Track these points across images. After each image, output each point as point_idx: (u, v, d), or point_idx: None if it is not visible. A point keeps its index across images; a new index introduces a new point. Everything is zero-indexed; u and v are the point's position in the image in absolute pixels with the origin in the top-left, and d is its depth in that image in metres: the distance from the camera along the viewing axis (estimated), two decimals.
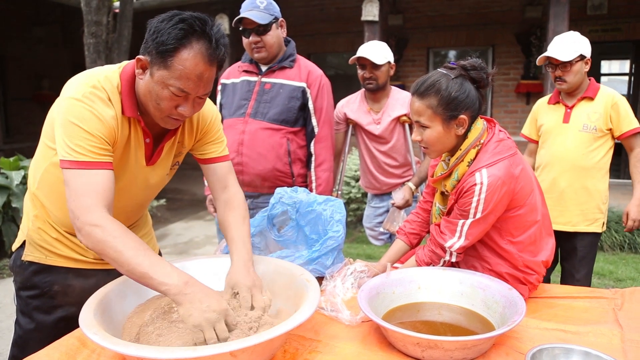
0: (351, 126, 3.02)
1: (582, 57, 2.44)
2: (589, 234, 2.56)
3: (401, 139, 2.90)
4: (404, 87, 7.20)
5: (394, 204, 2.83)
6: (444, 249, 1.59)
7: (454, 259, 1.60)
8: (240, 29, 2.37)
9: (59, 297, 1.53)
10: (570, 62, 2.42)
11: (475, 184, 1.50)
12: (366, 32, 6.11)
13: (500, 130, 1.62)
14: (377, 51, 2.73)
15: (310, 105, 2.40)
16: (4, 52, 8.54)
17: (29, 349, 1.40)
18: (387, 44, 2.89)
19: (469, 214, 1.52)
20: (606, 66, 13.62)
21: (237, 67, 2.55)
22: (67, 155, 1.23)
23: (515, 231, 1.58)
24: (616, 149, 2.65)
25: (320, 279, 1.63)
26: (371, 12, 5.99)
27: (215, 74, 1.30)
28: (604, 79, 12.82)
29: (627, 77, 9.56)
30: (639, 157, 2.54)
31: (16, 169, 4.89)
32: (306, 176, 2.51)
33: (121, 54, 5.39)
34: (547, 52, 2.47)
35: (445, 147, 1.60)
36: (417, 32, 7.89)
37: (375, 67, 2.73)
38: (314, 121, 2.42)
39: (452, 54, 8.40)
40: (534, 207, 1.59)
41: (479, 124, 1.60)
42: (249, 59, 2.48)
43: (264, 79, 2.43)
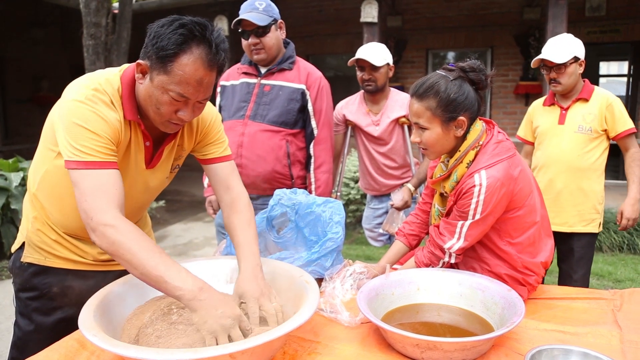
0: (350, 127, 3.03)
1: (576, 59, 2.46)
2: (586, 234, 2.57)
3: (400, 141, 2.90)
4: (403, 88, 7.19)
5: (393, 205, 2.83)
6: (443, 250, 1.59)
7: (453, 260, 1.61)
8: (239, 30, 2.37)
9: (58, 298, 1.53)
10: (564, 64, 2.45)
11: (474, 186, 1.50)
12: (365, 33, 6.11)
13: (499, 131, 1.62)
14: (376, 53, 2.73)
15: (309, 107, 2.40)
16: (3, 53, 8.53)
17: (28, 351, 1.40)
18: (386, 46, 2.90)
19: (468, 215, 1.53)
20: (605, 67, 13.64)
21: (237, 69, 2.55)
22: (74, 155, 1.22)
23: (514, 232, 1.59)
24: (615, 151, 2.66)
25: (319, 281, 1.63)
26: (370, 14, 5.99)
27: (215, 79, 1.30)
28: (602, 80, 12.84)
29: (625, 79, 9.58)
30: (634, 157, 2.56)
31: (15, 170, 4.89)
32: (305, 178, 2.51)
33: (120, 55, 5.39)
34: (542, 55, 2.49)
35: (444, 148, 1.61)
36: (416, 34, 7.90)
37: (374, 68, 2.74)
38: (314, 123, 2.42)
39: (450, 56, 8.42)
40: (533, 208, 1.60)
41: (478, 126, 1.60)
42: (248, 60, 2.49)
43: (263, 81, 2.43)
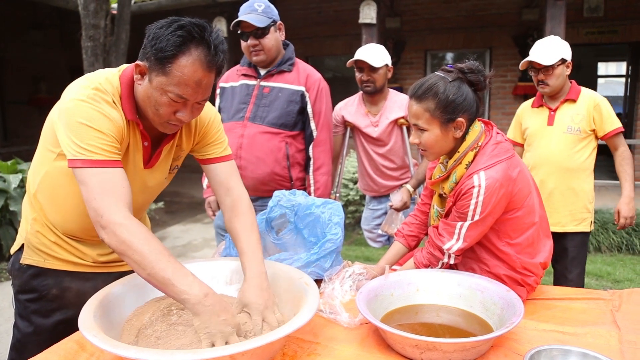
0: (349, 129, 3.03)
1: (563, 61, 2.51)
2: (579, 233, 2.61)
3: (399, 142, 2.91)
4: (401, 89, 7.20)
5: (392, 206, 2.83)
6: (442, 251, 1.60)
7: (452, 261, 1.61)
8: (238, 32, 2.37)
9: (58, 300, 1.53)
10: (552, 66, 2.49)
11: (473, 187, 1.50)
12: (364, 34, 6.12)
13: (497, 132, 1.62)
14: (374, 54, 2.74)
15: (309, 109, 2.40)
16: (2, 54, 8.53)
17: (27, 353, 1.40)
18: (385, 47, 2.91)
19: (467, 216, 1.53)
20: (603, 68, 13.66)
21: (236, 70, 2.55)
22: (79, 154, 1.21)
23: (513, 233, 1.59)
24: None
25: (318, 282, 1.63)
26: (369, 15, 6.00)
27: (214, 80, 1.30)
28: (600, 81, 12.86)
29: (623, 79, 9.60)
30: (624, 155, 2.60)
31: (14, 172, 4.88)
32: (305, 180, 2.51)
33: (119, 57, 5.39)
34: (530, 57, 2.54)
35: (443, 149, 1.61)
36: (414, 35, 7.91)
37: (372, 69, 2.74)
38: (313, 125, 2.42)
39: (449, 57, 8.43)
40: (532, 209, 1.60)
41: (477, 127, 1.60)
42: (248, 62, 2.48)
43: (262, 83, 2.43)
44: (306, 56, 8.26)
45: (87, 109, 1.24)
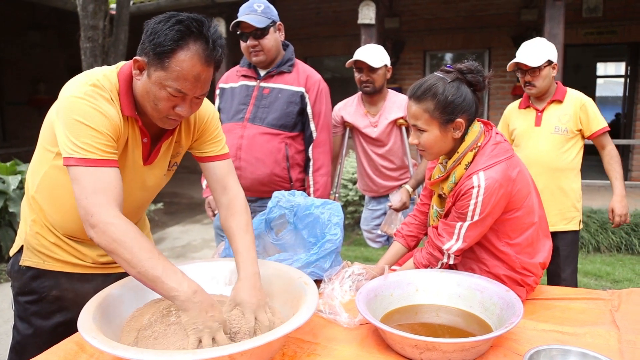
0: (348, 129, 3.03)
1: (549, 62, 2.56)
2: (569, 232, 2.66)
3: (398, 142, 2.91)
4: (400, 89, 7.20)
5: (391, 207, 2.83)
6: (441, 252, 1.60)
7: (451, 262, 1.61)
8: (237, 32, 2.37)
9: (57, 302, 1.53)
10: (539, 68, 2.55)
11: (472, 187, 1.50)
12: (363, 35, 6.12)
13: (497, 133, 1.62)
14: (373, 54, 2.74)
15: (308, 110, 2.40)
16: (0, 55, 8.52)
17: (27, 355, 1.39)
18: (384, 47, 2.91)
19: (467, 216, 1.53)
20: (602, 68, 13.67)
21: (236, 71, 2.55)
22: (74, 152, 1.22)
23: (512, 233, 1.59)
24: None
25: (318, 282, 1.63)
26: (367, 15, 6.00)
27: (212, 75, 1.31)
28: (599, 81, 12.87)
29: (622, 79, 9.61)
30: (612, 154, 2.65)
31: (13, 173, 4.88)
32: (304, 181, 2.51)
33: (118, 57, 5.39)
34: (517, 59, 2.58)
35: (442, 150, 1.61)
36: (413, 35, 7.91)
37: (372, 70, 2.74)
38: (312, 126, 2.42)
39: (448, 57, 8.43)
40: (531, 209, 1.60)
41: (476, 127, 1.60)
42: (247, 63, 2.48)
43: (262, 84, 2.43)
44: (305, 57, 8.26)
45: (83, 106, 1.24)
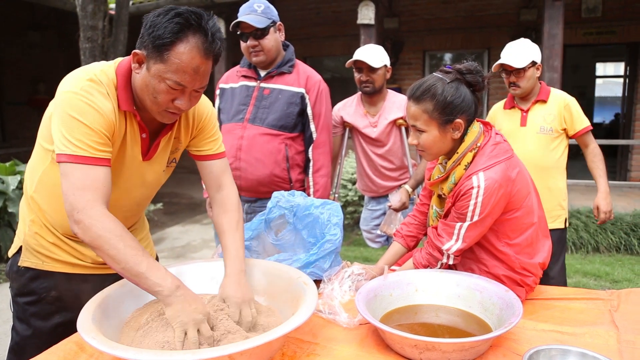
0: (348, 129, 3.03)
1: (533, 63, 2.61)
2: (555, 230, 2.69)
3: (398, 142, 2.91)
4: (400, 90, 7.21)
5: (390, 207, 2.83)
6: (441, 252, 1.60)
7: (451, 262, 1.61)
8: (238, 33, 2.37)
9: (57, 303, 1.52)
10: (523, 69, 2.59)
11: (472, 187, 1.50)
12: (362, 35, 6.12)
13: (496, 133, 1.63)
14: (373, 54, 2.74)
15: (308, 111, 2.40)
16: (0, 56, 8.52)
17: (26, 356, 1.39)
18: (383, 47, 2.91)
19: (466, 217, 1.53)
20: (601, 68, 13.68)
21: (236, 72, 2.54)
22: (66, 149, 1.23)
23: (512, 233, 1.59)
24: (611, 152, 2.72)
25: (317, 282, 1.63)
26: (367, 16, 6.00)
27: (211, 68, 1.31)
28: (599, 81, 12.88)
29: (621, 79, 9.61)
30: (595, 152, 2.70)
31: (12, 174, 4.88)
32: (304, 181, 2.50)
33: (117, 58, 5.39)
34: (501, 60, 2.62)
35: (441, 150, 1.61)
36: (412, 35, 7.92)
37: (372, 70, 2.74)
38: (313, 127, 2.42)
39: (447, 57, 8.44)
40: (531, 209, 1.60)
41: (476, 127, 1.60)
42: (248, 63, 2.48)
43: (262, 84, 2.42)
44: (304, 57, 8.26)
45: (79, 102, 1.25)
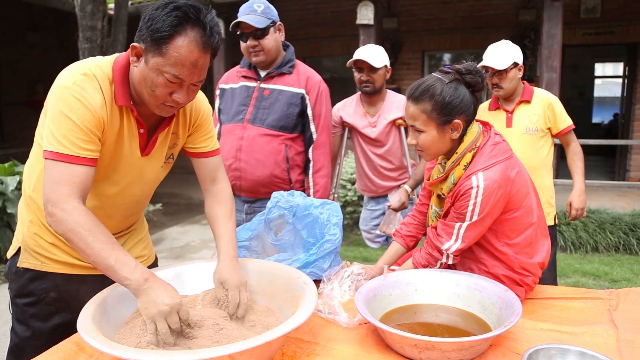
0: (347, 129, 3.03)
1: (515, 65, 2.64)
2: None
3: (397, 142, 2.91)
4: (399, 90, 7.21)
5: (390, 207, 2.84)
6: (440, 252, 1.60)
7: (450, 262, 1.61)
8: (237, 33, 2.37)
9: (56, 304, 1.52)
10: (505, 70, 2.62)
11: (471, 187, 1.51)
12: (361, 35, 6.13)
13: (495, 133, 1.63)
14: (375, 54, 2.75)
15: (308, 111, 2.39)
16: None
17: (25, 357, 1.39)
18: (382, 47, 2.91)
19: (466, 217, 1.53)
20: (600, 69, 13.70)
21: (236, 72, 2.54)
22: (50, 145, 1.26)
23: (511, 233, 1.59)
24: (610, 152, 2.74)
25: (317, 282, 1.63)
26: (366, 16, 6.01)
27: (209, 62, 1.32)
28: (597, 82, 12.89)
29: (620, 80, 9.62)
30: (576, 151, 2.78)
31: (11, 174, 4.87)
32: (304, 182, 2.50)
33: None
34: (484, 62, 2.65)
35: (440, 150, 1.61)
36: (412, 36, 7.92)
37: (372, 70, 2.75)
38: (313, 127, 2.41)
39: (447, 57, 8.44)
40: (530, 209, 1.60)
41: (475, 128, 1.61)
42: (248, 64, 2.47)
43: (262, 85, 2.42)
44: (303, 57, 8.26)
45: (69, 97, 1.26)
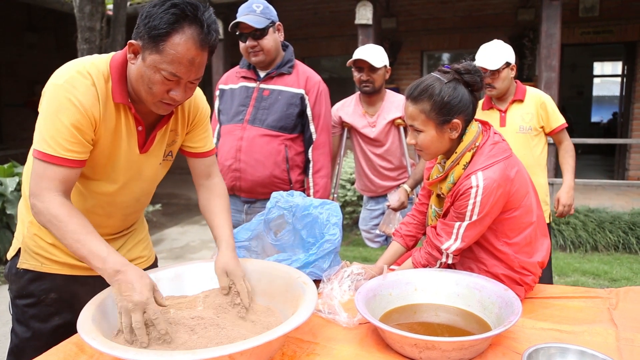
0: (346, 129, 3.03)
1: (507, 64, 2.66)
2: None
3: (396, 142, 2.91)
4: (398, 90, 7.21)
5: (389, 206, 2.84)
6: (440, 251, 1.60)
7: (450, 261, 1.61)
8: (237, 33, 2.36)
9: (56, 305, 1.52)
10: (497, 70, 2.63)
11: (471, 187, 1.51)
12: (360, 35, 6.13)
13: (495, 132, 1.63)
14: (375, 54, 2.75)
15: (308, 111, 2.39)
16: None
17: (25, 358, 1.39)
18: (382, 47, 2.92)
19: (465, 216, 1.53)
20: (599, 68, 13.71)
21: (235, 72, 2.53)
22: (38, 145, 1.27)
23: (511, 233, 1.59)
24: (609, 151, 2.75)
25: (317, 282, 1.63)
26: (365, 16, 6.01)
27: (207, 59, 1.32)
28: (596, 81, 12.90)
29: (619, 79, 9.63)
30: (567, 149, 2.80)
31: (10, 175, 4.88)
32: (304, 182, 2.50)
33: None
34: (476, 62, 2.65)
35: (439, 150, 1.62)
36: (410, 35, 7.92)
37: (372, 69, 2.75)
38: (312, 127, 2.41)
39: (445, 57, 8.45)
40: (530, 208, 1.60)
41: (474, 127, 1.61)
42: (247, 64, 2.47)
43: (262, 85, 2.42)
44: (302, 57, 8.24)
45: (60, 95, 1.27)
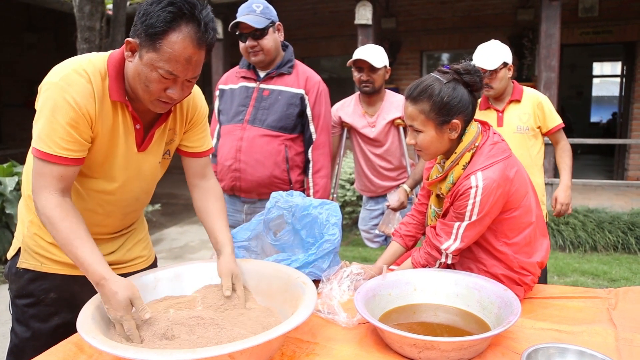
0: (346, 129, 3.04)
1: (505, 64, 2.66)
2: None
3: (396, 142, 2.92)
4: (397, 90, 7.21)
5: (389, 206, 2.84)
6: (439, 251, 1.60)
7: (449, 261, 1.61)
8: (236, 33, 2.36)
9: (56, 304, 1.52)
10: (495, 70, 2.64)
11: (470, 187, 1.51)
12: (360, 35, 6.13)
13: (494, 133, 1.63)
14: (375, 54, 2.75)
15: (308, 111, 2.39)
16: None
17: (25, 357, 1.39)
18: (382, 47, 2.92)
19: (465, 216, 1.53)
20: (598, 68, 13.71)
21: (235, 72, 2.53)
22: (35, 143, 1.29)
23: (510, 233, 1.60)
24: (608, 151, 2.75)
25: (316, 282, 1.63)
26: (364, 16, 6.01)
27: (204, 58, 1.32)
28: (596, 81, 12.90)
29: (619, 79, 9.63)
30: (564, 149, 2.81)
31: (10, 175, 4.88)
32: (304, 182, 2.50)
33: None
34: (473, 62, 2.63)
35: (439, 150, 1.62)
36: (410, 35, 7.93)
37: (372, 69, 2.75)
38: (312, 128, 2.41)
39: (445, 57, 8.45)
40: (529, 208, 1.61)
41: (474, 127, 1.61)
42: (247, 64, 2.47)
43: (262, 86, 2.42)
44: (302, 57, 8.20)
45: (56, 95, 1.27)
